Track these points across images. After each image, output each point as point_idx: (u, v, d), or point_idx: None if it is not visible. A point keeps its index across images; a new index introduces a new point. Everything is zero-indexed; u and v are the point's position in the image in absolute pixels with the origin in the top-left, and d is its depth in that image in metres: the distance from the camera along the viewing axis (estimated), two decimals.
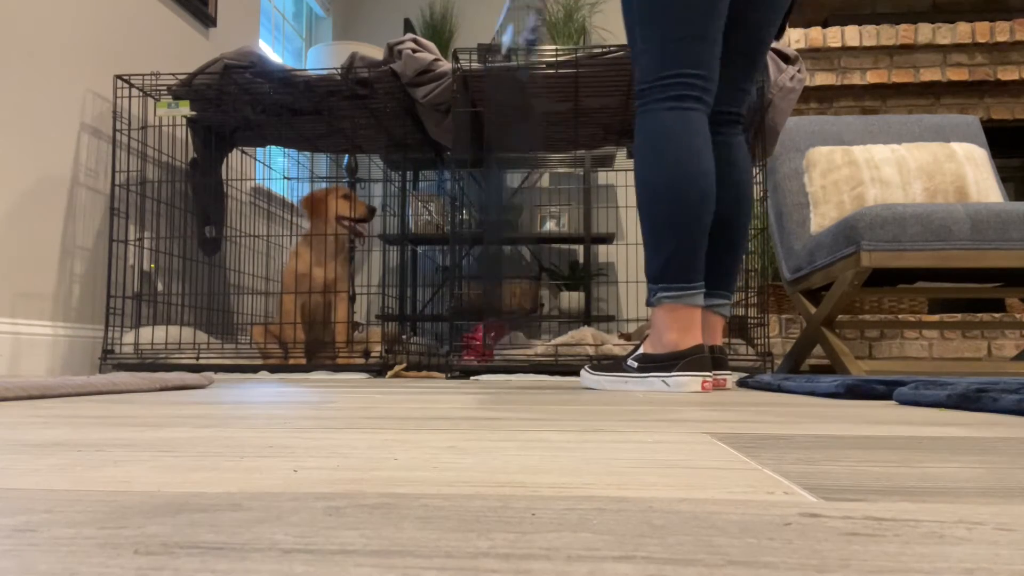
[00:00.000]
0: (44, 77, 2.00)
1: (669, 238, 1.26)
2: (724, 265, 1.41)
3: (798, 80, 2.07)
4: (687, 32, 1.25)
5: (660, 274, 1.28)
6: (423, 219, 3.56)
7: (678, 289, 1.26)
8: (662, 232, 1.26)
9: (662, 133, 1.25)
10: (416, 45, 2.21)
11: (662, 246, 1.26)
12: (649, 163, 1.26)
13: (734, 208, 1.39)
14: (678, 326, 1.26)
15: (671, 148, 1.24)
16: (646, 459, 0.43)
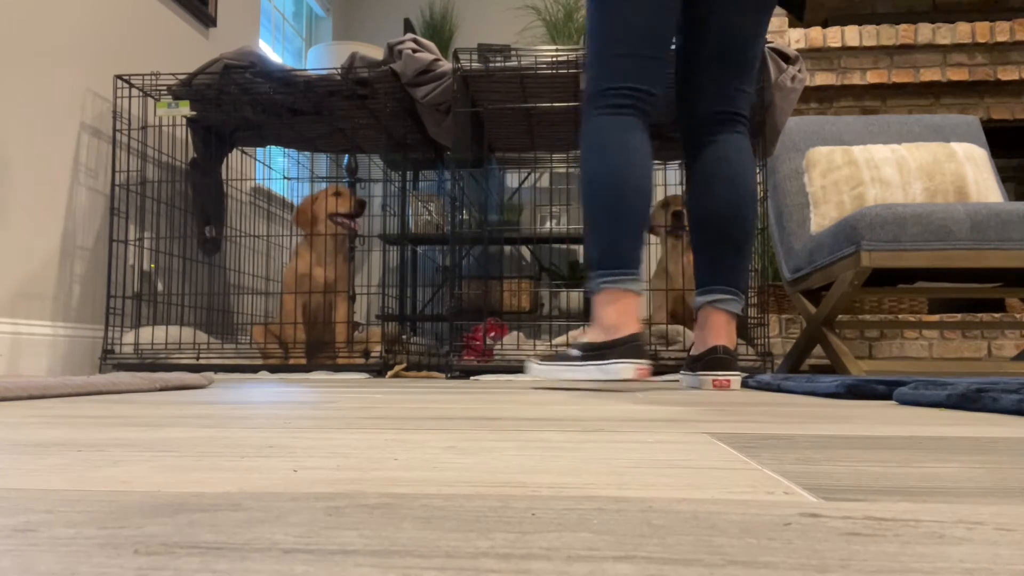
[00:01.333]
0: (44, 77, 2.00)
1: (605, 228, 1.33)
2: (723, 260, 1.43)
3: (798, 80, 2.07)
4: (624, 51, 1.36)
5: (598, 262, 1.35)
6: (423, 219, 3.56)
7: (614, 275, 1.33)
8: (599, 222, 1.34)
9: (600, 135, 1.36)
10: (416, 45, 2.21)
11: (600, 236, 1.34)
12: (589, 161, 1.36)
13: (728, 203, 1.43)
14: (615, 311, 1.32)
15: (607, 148, 1.35)
16: (646, 459, 0.43)
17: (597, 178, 1.35)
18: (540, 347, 2.23)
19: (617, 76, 1.37)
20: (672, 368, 2.12)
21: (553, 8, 4.15)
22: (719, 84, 1.45)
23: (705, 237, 1.45)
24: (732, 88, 1.46)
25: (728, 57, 1.44)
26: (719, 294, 1.43)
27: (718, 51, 1.44)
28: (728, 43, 1.44)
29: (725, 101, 1.46)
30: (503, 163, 3.57)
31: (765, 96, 2.07)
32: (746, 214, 1.45)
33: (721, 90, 1.45)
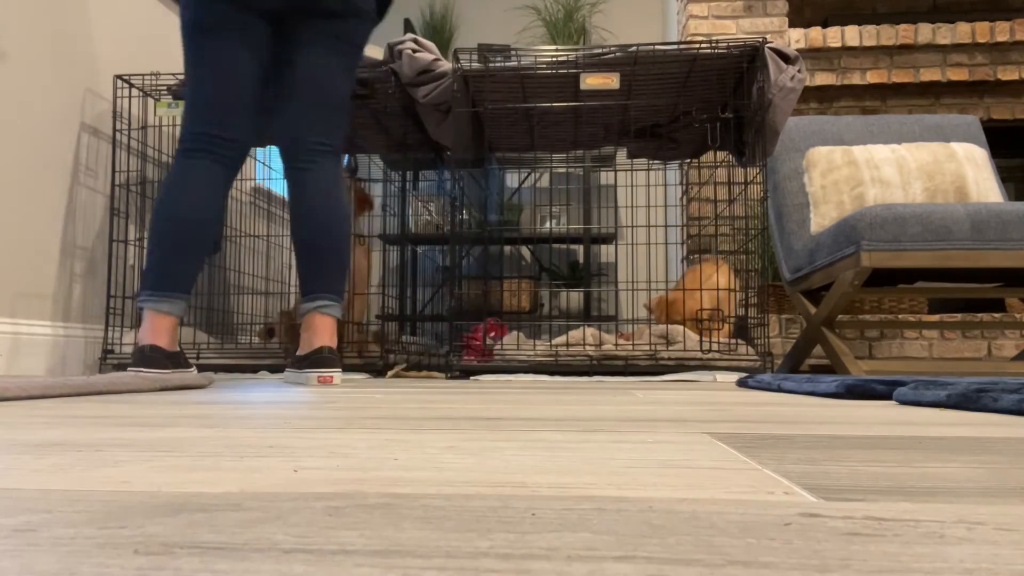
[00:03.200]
0: (44, 77, 2.00)
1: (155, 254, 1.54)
2: (324, 271, 1.61)
3: (798, 80, 2.07)
4: (204, 99, 1.56)
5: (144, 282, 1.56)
6: (423, 219, 3.56)
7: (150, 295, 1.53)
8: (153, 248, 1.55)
9: (173, 173, 1.58)
10: (416, 45, 2.21)
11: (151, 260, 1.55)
12: (158, 198, 1.58)
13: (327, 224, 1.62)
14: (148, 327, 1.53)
15: (170, 187, 1.56)
16: (646, 459, 0.43)
17: (156, 211, 1.56)
18: (540, 347, 2.23)
19: (196, 121, 1.57)
20: (672, 368, 2.12)
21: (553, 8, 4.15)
22: (316, 120, 1.63)
23: (309, 253, 1.62)
24: (330, 125, 1.65)
25: (323, 101, 1.63)
26: (323, 300, 1.61)
27: (313, 95, 1.62)
28: (323, 89, 1.63)
29: (322, 134, 1.64)
30: (503, 163, 3.57)
31: (765, 96, 2.07)
32: (344, 231, 1.64)
33: (318, 125, 1.63)
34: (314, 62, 1.62)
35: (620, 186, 3.97)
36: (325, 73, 1.63)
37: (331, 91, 1.64)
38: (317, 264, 1.61)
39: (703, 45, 2.10)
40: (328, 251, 1.61)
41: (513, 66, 2.21)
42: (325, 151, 1.64)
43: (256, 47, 1.60)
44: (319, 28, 1.61)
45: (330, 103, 1.64)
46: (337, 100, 1.65)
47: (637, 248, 3.82)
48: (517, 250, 3.96)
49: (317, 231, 1.61)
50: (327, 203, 1.62)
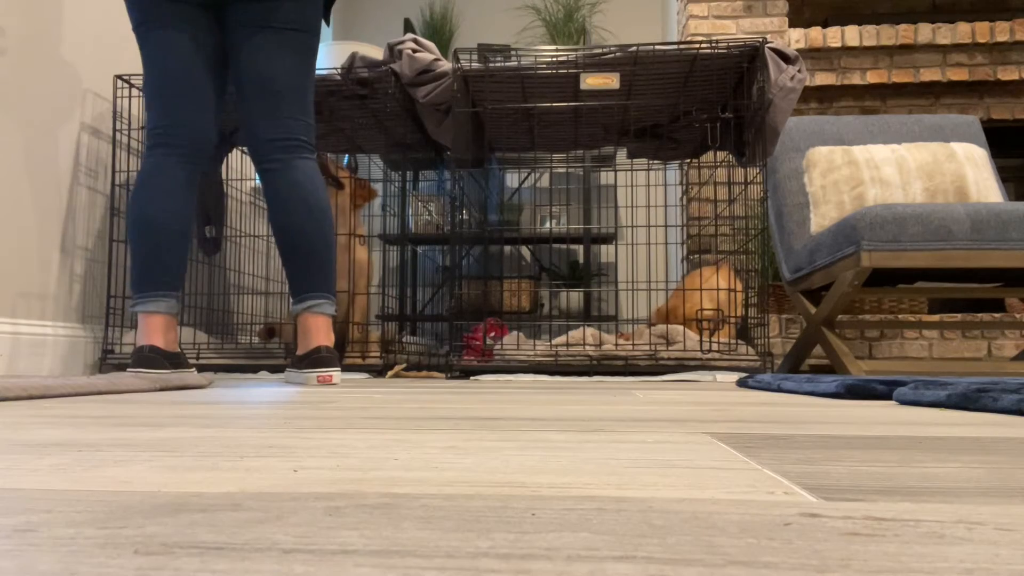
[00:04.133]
0: (44, 77, 2.00)
1: (134, 256, 1.57)
2: (311, 271, 1.59)
3: (798, 80, 2.07)
4: (158, 94, 1.57)
5: (132, 287, 1.58)
6: (423, 219, 3.56)
7: (138, 298, 1.55)
8: (131, 251, 1.57)
9: (140, 174, 1.58)
10: (416, 45, 2.21)
11: (132, 263, 1.58)
12: (130, 200, 1.59)
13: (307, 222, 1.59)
14: (142, 329, 1.55)
15: (138, 188, 1.56)
16: (646, 459, 0.43)
17: (129, 215, 1.57)
18: (540, 347, 2.23)
19: (151, 117, 1.58)
20: (672, 368, 2.12)
21: (553, 8, 4.16)
22: (267, 115, 1.59)
23: (292, 254, 1.59)
24: (283, 117, 1.59)
25: (267, 88, 1.58)
26: (311, 300, 1.59)
27: (257, 84, 1.58)
28: (264, 76, 1.58)
29: (279, 129, 1.59)
30: (503, 163, 3.57)
31: (765, 96, 2.07)
32: (324, 229, 1.61)
33: (271, 120, 1.59)
34: (255, 56, 1.57)
35: (620, 186, 3.97)
36: (267, 66, 1.58)
37: (279, 84, 1.58)
38: (298, 264, 1.59)
39: (703, 45, 2.10)
40: (306, 251, 1.59)
41: (513, 66, 2.21)
42: (289, 146, 1.60)
43: (198, 38, 1.58)
44: (253, 15, 1.56)
45: (282, 96, 1.59)
46: (289, 92, 1.59)
47: (637, 248, 3.82)
48: (517, 250, 3.96)
49: (292, 232, 1.58)
50: (299, 202, 1.59)
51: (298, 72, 1.61)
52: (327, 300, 1.60)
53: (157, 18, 1.56)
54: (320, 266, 1.60)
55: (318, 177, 1.63)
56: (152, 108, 1.59)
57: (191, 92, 1.58)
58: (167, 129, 1.58)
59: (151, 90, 1.58)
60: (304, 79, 1.63)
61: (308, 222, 1.58)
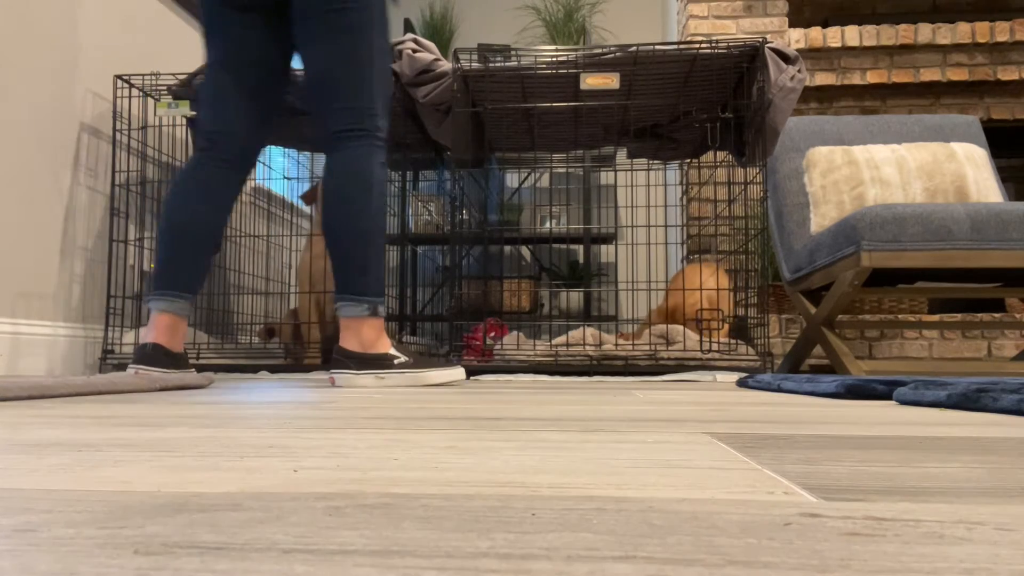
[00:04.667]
0: (44, 77, 2.00)
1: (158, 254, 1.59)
2: (341, 270, 1.54)
3: (798, 80, 2.07)
4: (207, 101, 1.60)
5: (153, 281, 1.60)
6: (423, 219, 3.56)
7: (152, 295, 1.58)
8: (157, 248, 1.60)
9: (180, 174, 1.61)
10: (416, 45, 2.21)
11: (156, 259, 1.60)
12: (166, 196, 1.62)
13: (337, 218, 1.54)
14: (149, 325, 1.56)
15: (175, 186, 1.59)
16: (646, 459, 0.43)
17: (163, 209, 1.60)
18: (540, 347, 2.23)
19: (203, 122, 1.61)
20: (672, 368, 2.12)
21: (553, 8, 4.16)
22: (321, 109, 1.56)
23: (332, 250, 1.55)
24: (335, 108, 1.55)
25: (319, 82, 1.55)
26: (340, 301, 1.55)
27: (311, 79, 1.56)
28: (315, 70, 1.55)
29: (331, 122, 1.56)
30: (503, 163, 3.57)
31: (765, 96, 2.07)
32: (355, 226, 1.53)
33: (324, 114, 1.56)
34: (307, 50, 1.55)
35: (620, 186, 3.97)
36: (317, 58, 1.54)
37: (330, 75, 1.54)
38: (334, 260, 1.55)
39: (703, 45, 2.10)
40: (337, 247, 1.53)
41: (513, 66, 2.21)
42: (341, 137, 1.55)
43: (258, 48, 1.59)
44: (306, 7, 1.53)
45: (333, 87, 1.54)
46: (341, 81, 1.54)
47: (637, 248, 3.83)
48: (517, 250, 3.96)
49: (328, 225, 1.53)
50: (337, 195, 1.53)
51: (345, 55, 1.54)
52: (350, 302, 1.53)
53: (219, 27, 1.58)
54: (347, 264, 1.53)
55: (359, 166, 1.54)
56: (203, 112, 1.61)
57: (241, 103, 1.60)
58: (214, 136, 1.60)
59: (204, 95, 1.60)
60: (353, 61, 1.54)
61: (335, 216, 1.53)
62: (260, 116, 1.65)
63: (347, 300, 1.53)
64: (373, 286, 1.54)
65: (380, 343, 1.54)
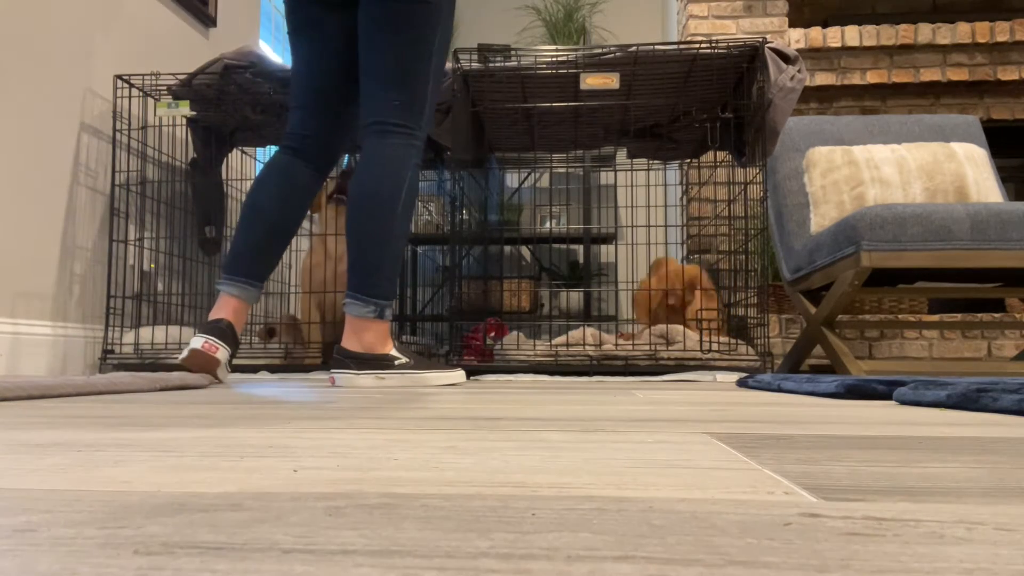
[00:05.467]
0: (44, 77, 2.00)
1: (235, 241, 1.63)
2: (354, 265, 1.52)
3: (798, 80, 2.07)
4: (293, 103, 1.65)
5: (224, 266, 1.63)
6: (423, 219, 3.56)
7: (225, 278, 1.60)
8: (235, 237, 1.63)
9: (265, 166, 1.65)
10: None
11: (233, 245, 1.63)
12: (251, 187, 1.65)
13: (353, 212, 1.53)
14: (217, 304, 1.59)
15: (260, 179, 1.63)
16: (646, 459, 0.43)
17: (246, 199, 1.63)
18: (540, 347, 2.23)
19: (290, 123, 1.65)
20: (672, 368, 2.12)
21: (553, 8, 4.16)
22: (377, 96, 1.55)
23: (350, 245, 1.53)
24: (378, 99, 1.54)
25: (368, 72, 1.55)
26: (348, 300, 1.53)
27: (371, 66, 1.55)
28: (365, 61, 1.55)
29: (369, 112, 1.55)
30: (503, 163, 3.57)
31: (765, 96, 2.07)
32: (379, 225, 1.51)
33: (367, 103, 1.56)
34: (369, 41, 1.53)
35: (620, 186, 3.97)
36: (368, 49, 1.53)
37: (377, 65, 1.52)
38: (351, 255, 1.52)
39: (703, 45, 2.10)
40: (356, 242, 1.51)
41: (513, 66, 2.21)
42: (374, 131, 1.54)
43: (338, 49, 1.60)
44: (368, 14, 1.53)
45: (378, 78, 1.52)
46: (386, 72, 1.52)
47: (637, 248, 3.83)
48: (517, 250, 3.96)
49: (352, 219, 1.52)
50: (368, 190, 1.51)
51: (404, 47, 1.52)
52: (352, 301, 1.51)
53: (300, 27, 1.60)
54: (358, 260, 1.51)
55: (396, 164, 1.52)
56: (291, 115, 1.65)
57: (323, 105, 1.62)
58: (298, 136, 1.63)
59: (292, 97, 1.65)
60: (411, 55, 1.53)
61: (362, 210, 1.51)
62: (344, 119, 1.65)
63: (356, 299, 1.51)
64: (384, 288, 1.52)
65: (381, 346, 1.53)
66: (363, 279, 1.51)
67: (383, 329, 1.53)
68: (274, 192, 1.61)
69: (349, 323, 1.52)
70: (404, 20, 1.51)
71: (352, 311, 1.51)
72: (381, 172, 1.51)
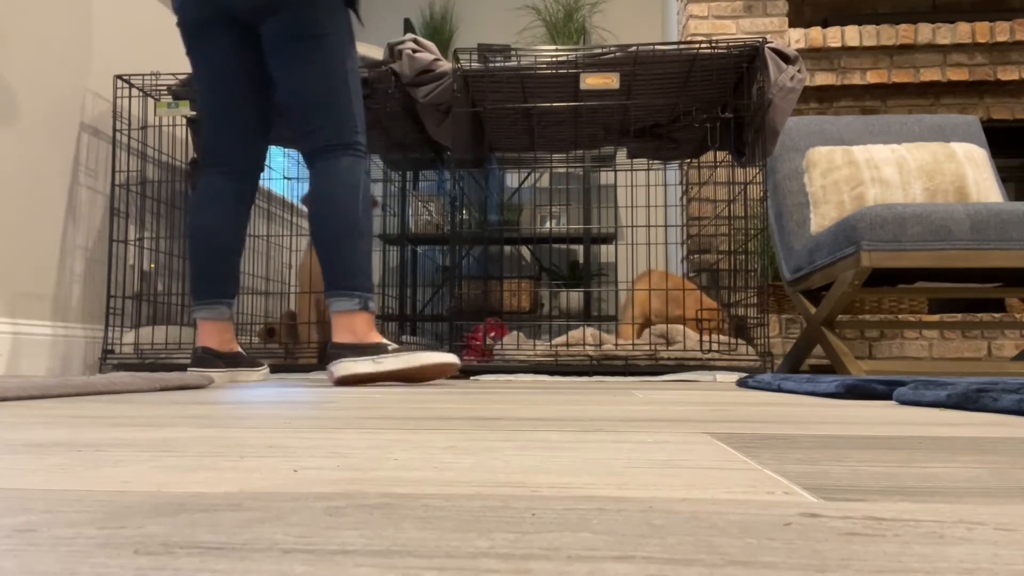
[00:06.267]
0: (44, 77, 2.00)
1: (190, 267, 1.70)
2: (327, 268, 1.60)
3: (798, 80, 2.07)
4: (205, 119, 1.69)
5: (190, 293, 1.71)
6: (423, 219, 3.56)
7: (193, 305, 1.69)
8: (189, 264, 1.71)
9: (195, 193, 1.70)
10: (416, 45, 2.21)
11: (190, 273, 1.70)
12: (188, 215, 1.73)
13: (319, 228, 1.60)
14: (198, 333, 1.69)
15: (194, 205, 1.69)
16: (646, 459, 0.43)
17: (188, 227, 1.70)
18: (540, 347, 2.23)
19: (206, 139, 1.69)
20: (672, 368, 2.12)
21: (553, 8, 4.16)
22: (300, 129, 1.62)
23: (321, 252, 1.61)
24: (315, 128, 1.61)
25: (296, 104, 1.61)
26: (331, 298, 1.60)
27: (288, 102, 1.62)
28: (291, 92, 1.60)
29: (311, 141, 1.61)
30: (503, 163, 3.57)
31: (765, 96, 2.07)
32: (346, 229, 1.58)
33: (305, 135, 1.62)
34: (281, 72, 1.60)
35: (620, 186, 3.97)
36: (292, 81, 1.59)
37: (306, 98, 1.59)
38: (323, 262, 1.60)
39: (703, 45, 2.10)
40: (327, 248, 1.59)
41: (513, 66, 2.21)
42: (320, 153, 1.62)
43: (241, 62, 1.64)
44: (275, 29, 1.57)
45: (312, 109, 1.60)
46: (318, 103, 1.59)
47: (637, 248, 3.83)
48: (517, 250, 3.96)
49: (318, 229, 1.59)
50: (328, 202, 1.59)
51: (324, 77, 1.59)
52: (338, 297, 1.59)
53: (200, 45, 1.63)
54: (334, 263, 1.59)
55: (349, 178, 1.60)
56: (204, 131, 1.69)
57: (235, 118, 1.66)
58: (217, 153, 1.68)
59: (202, 114, 1.68)
60: (332, 84, 1.60)
61: (327, 220, 1.59)
62: (256, 126, 1.69)
63: (339, 295, 1.58)
64: (363, 282, 1.60)
65: (372, 335, 1.60)
66: (342, 276, 1.59)
67: (370, 319, 1.60)
68: (210, 214, 1.66)
69: (337, 320, 1.59)
70: (311, 55, 1.58)
71: (338, 307, 1.58)
72: (336, 182, 1.60)
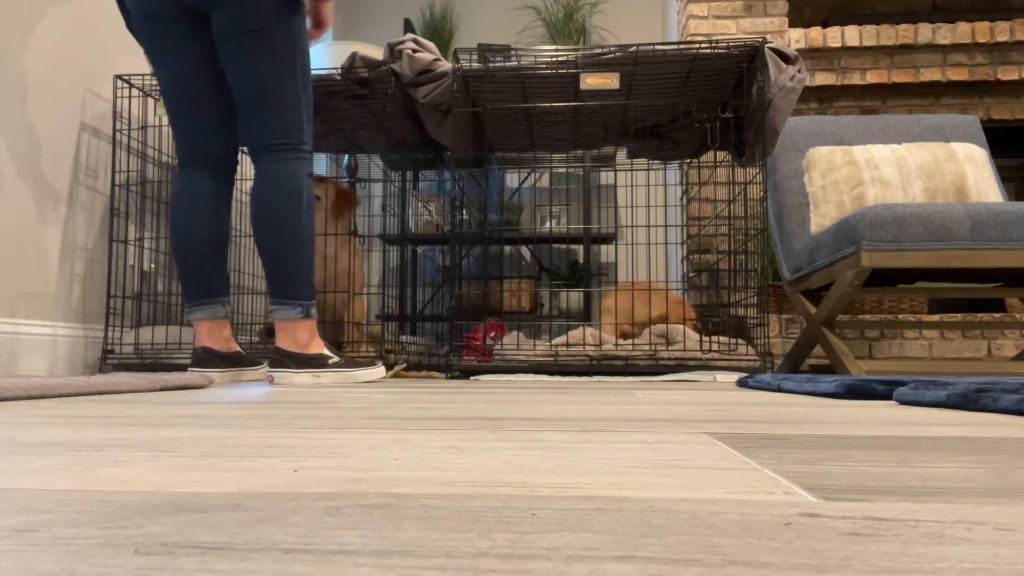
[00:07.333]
0: (44, 77, 2.00)
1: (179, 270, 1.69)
2: (270, 276, 1.61)
3: (798, 80, 2.07)
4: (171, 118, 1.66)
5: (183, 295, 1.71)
6: (423, 219, 3.56)
7: (188, 307, 1.69)
8: (177, 267, 1.70)
9: (173, 194, 1.70)
10: (416, 45, 2.21)
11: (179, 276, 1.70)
12: (169, 217, 1.70)
13: (259, 230, 1.60)
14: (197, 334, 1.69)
15: (173, 207, 1.68)
16: (646, 459, 0.43)
17: (169, 230, 1.69)
18: (540, 347, 2.23)
19: (176, 139, 1.68)
20: (672, 368, 2.12)
21: (553, 8, 4.15)
22: (245, 123, 1.62)
23: (264, 257, 1.61)
24: (257, 123, 1.60)
25: (243, 97, 1.60)
26: (274, 306, 1.63)
27: (237, 94, 1.61)
28: (238, 85, 1.60)
29: (256, 137, 1.61)
30: (503, 163, 3.57)
31: (765, 96, 2.07)
32: (289, 236, 1.59)
33: (248, 129, 1.62)
34: (228, 65, 1.59)
35: (620, 186, 3.97)
36: (238, 74, 1.58)
37: (252, 91, 1.59)
38: (266, 267, 1.61)
39: (703, 45, 2.10)
40: (270, 254, 1.59)
41: (513, 66, 2.21)
42: (264, 151, 1.61)
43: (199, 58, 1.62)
44: (223, 24, 1.56)
45: (256, 103, 1.59)
46: (263, 97, 1.58)
47: (637, 248, 3.83)
48: (517, 250, 3.96)
49: (261, 234, 1.59)
50: (270, 207, 1.59)
51: (270, 72, 1.59)
52: (284, 305, 1.61)
53: (158, 46, 1.61)
54: (277, 270, 1.60)
55: (291, 181, 1.60)
56: (172, 130, 1.67)
57: (200, 114, 1.65)
58: (187, 150, 1.67)
59: (169, 114, 1.66)
60: (278, 78, 1.59)
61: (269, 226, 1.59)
62: (221, 120, 1.68)
63: (283, 304, 1.61)
64: (305, 290, 1.62)
65: (314, 343, 1.64)
66: (284, 285, 1.61)
67: (312, 327, 1.64)
68: (187, 216, 1.66)
69: (280, 327, 1.63)
70: (260, 48, 1.58)
71: (280, 315, 1.62)
72: (279, 188, 1.60)
